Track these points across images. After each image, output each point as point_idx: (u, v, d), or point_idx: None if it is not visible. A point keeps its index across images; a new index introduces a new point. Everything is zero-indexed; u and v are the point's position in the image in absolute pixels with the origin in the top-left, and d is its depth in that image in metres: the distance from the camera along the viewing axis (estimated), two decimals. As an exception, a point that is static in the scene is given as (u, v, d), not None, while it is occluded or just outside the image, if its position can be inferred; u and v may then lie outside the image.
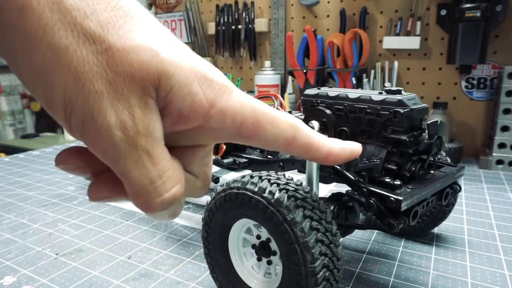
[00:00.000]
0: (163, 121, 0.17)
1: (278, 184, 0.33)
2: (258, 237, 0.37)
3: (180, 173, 0.17)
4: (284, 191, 0.32)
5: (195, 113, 0.17)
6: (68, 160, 0.17)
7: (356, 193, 0.39)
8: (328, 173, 0.41)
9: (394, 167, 0.40)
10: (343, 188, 0.42)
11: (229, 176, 0.84)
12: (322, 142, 0.22)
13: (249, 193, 0.33)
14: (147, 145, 0.15)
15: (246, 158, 0.54)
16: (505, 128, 0.88)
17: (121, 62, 0.14)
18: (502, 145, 0.89)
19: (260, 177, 0.34)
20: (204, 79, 0.17)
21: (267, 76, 1.17)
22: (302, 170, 0.47)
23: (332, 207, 0.40)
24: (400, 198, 0.35)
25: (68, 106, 0.14)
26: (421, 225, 0.52)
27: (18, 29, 0.13)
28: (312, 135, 0.21)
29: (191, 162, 0.19)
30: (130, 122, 0.15)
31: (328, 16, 1.13)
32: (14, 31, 0.13)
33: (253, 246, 0.38)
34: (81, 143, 0.17)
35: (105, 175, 0.18)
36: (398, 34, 1.01)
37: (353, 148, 0.24)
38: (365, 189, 0.37)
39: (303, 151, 0.21)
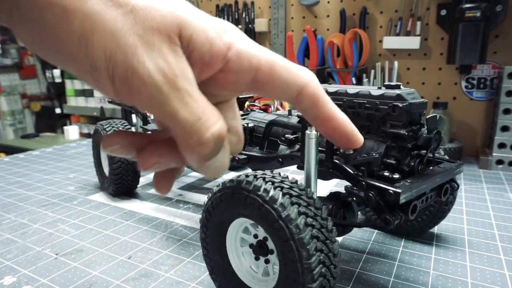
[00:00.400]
0: None
1: (273, 182, 0.33)
2: (255, 236, 0.37)
3: (218, 111, 0.19)
4: (279, 188, 0.32)
5: (215, 57, 0.19)
6: (114, 141, 0.19)
7: (355, 187, 0.38)
8: (327, 167, 0.40)
9: (393, 162, 0.40)
10: (342, 188, 0.42)
11: (229, 176, 0.83)
12: (330, 102, 0.22)
13: (244, 191, 0.33)
14: (186, 86, 0.17)
15: (245, 154, 0.54)
16: (505, 128, 0.88)
17: (146, 19, 0.17)
18: (502, 145, 0.89)
19: (255, 176, 0.34)
20: (218, 27, 0.19)
21: (267, 76, 1.17)
22: (301, 165, 0.47)
23: (330, 206, 0.40)
24: (399, 190, 0.34)
25: (110, 64, 0.16)
26: (421, 224, 0.52)
27: (57, 4, 0.16)
28: (323, 90, 0.22)
29: None
30: (167, 67, 0.17)
31: (328, 16, 1.13)
32: (55, 6, 0.16)
33: (251, 246, 0.38)
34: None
35: (149, 147, 0.20)
36: (398, 34, 1.01)
37: (357, 133, 0.24)
38: (364, 183, 0.37)
39: (311, 103, 0.21)
